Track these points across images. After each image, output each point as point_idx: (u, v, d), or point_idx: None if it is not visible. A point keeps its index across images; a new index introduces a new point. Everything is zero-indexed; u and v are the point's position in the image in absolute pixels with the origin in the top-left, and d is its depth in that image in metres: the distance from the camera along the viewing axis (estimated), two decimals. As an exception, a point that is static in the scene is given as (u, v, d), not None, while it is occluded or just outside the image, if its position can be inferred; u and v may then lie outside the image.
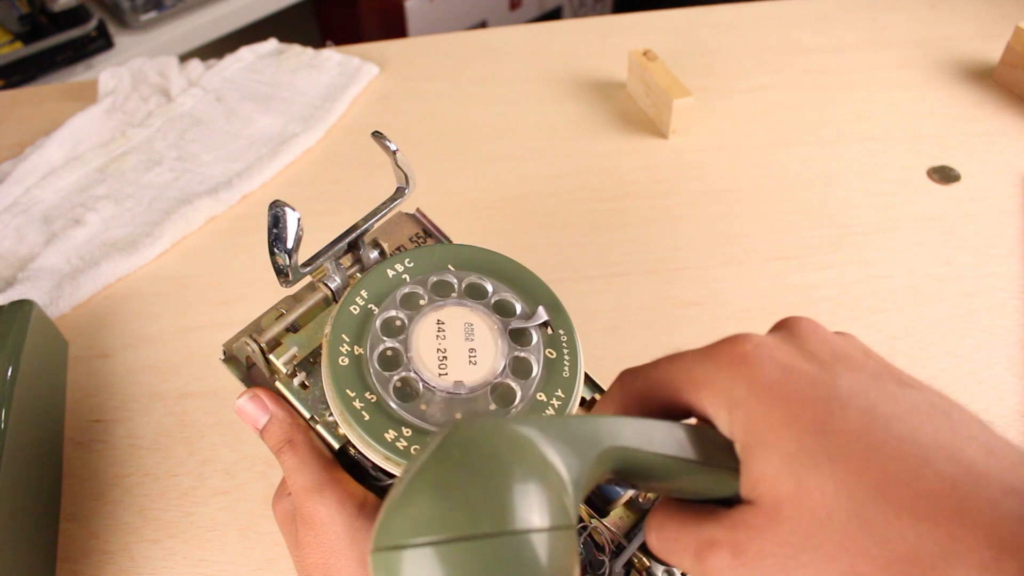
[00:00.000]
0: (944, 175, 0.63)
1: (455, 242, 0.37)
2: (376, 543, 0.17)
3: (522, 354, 0.31)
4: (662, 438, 0.22)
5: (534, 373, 0.30)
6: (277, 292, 0.35)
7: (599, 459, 0.21)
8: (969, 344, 0.51)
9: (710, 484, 0.22)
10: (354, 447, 0.30)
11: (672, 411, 0.24)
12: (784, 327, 0.24)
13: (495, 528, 0.17)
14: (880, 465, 0.19)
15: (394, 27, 1.49)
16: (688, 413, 0.23)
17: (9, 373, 0.43)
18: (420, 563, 0.16)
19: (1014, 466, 0.19)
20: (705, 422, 0.23)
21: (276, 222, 0.29)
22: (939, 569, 0.17)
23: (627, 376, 0.24)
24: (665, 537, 0.23)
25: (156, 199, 0.63)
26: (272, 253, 0.29)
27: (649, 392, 0.24)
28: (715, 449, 0.22)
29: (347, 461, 0.31)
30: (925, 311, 0.53)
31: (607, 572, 0.30)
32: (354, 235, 0.33)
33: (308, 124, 0.69)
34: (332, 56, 0.77)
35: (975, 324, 0.52)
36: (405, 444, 0.28)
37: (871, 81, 0.73)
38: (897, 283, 0.55)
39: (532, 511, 0.18)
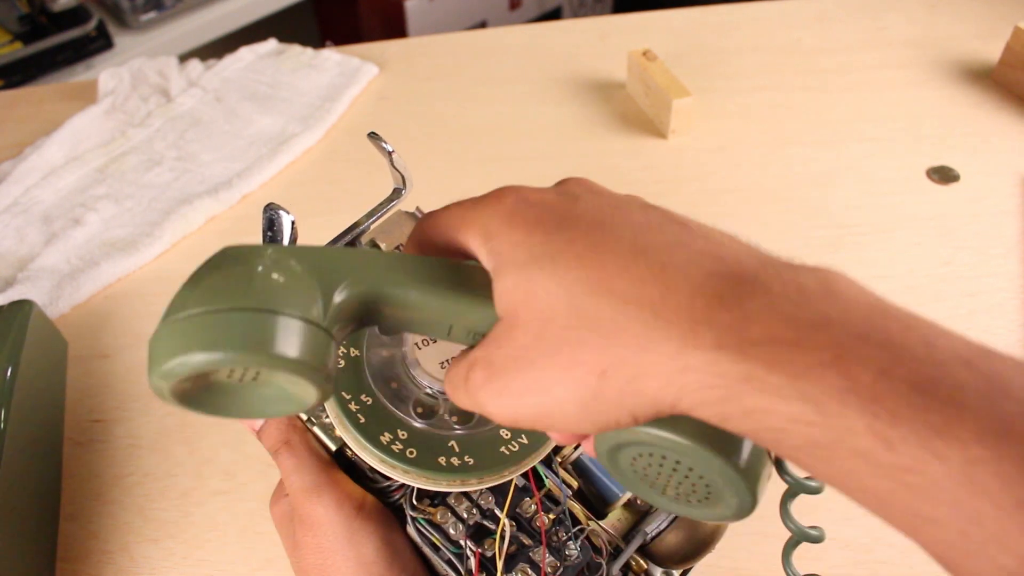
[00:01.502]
0: (944, 175, 0.63)
1: None
2: (164, 316, 0.20)
3: None
4: (424, 267, 0.23)
5: None
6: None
7: (351, 284, 0.22)
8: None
9: (470, 316, 0.23)
10: (351, 449, 0.30)
11: (451, 252, 0.25)
12: (559, 183, 0.25)
13: (258, 304, 0.20)
14: (598, 262, 0.20)
15: (394, 27, 1.49)
16: (462, 252, 0.24)
17: (9, 373, 0.43)
18: (171, 331, 0.20)
19: (732, 250, 0.20)
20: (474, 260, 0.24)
21: (271, 225, 0.29)
22: (644, 347, 0.18)
23: (423, 220, 0.26)
24: (449, 376, 0.23)
25: (156, 199, 0.63)
26: None
27: (432, 229, 0.25)
28: (476, 279, 0.23)
29: (344, 462, 0.31)
30: (925, 311, 0.52)
31: (605, 574, 0.30)
32: (351, 235, 0.33)
33: (308, 124, 0.69)
34: (332, 56, 0.77)
35: (975, 324, 0.52)
36: (401, 447, 0.28)
37: (871, 81, 0.73)
38: (897, 283, 0.55)
39: (286, 299, 0.20)
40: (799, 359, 0.17)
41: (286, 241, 0.29)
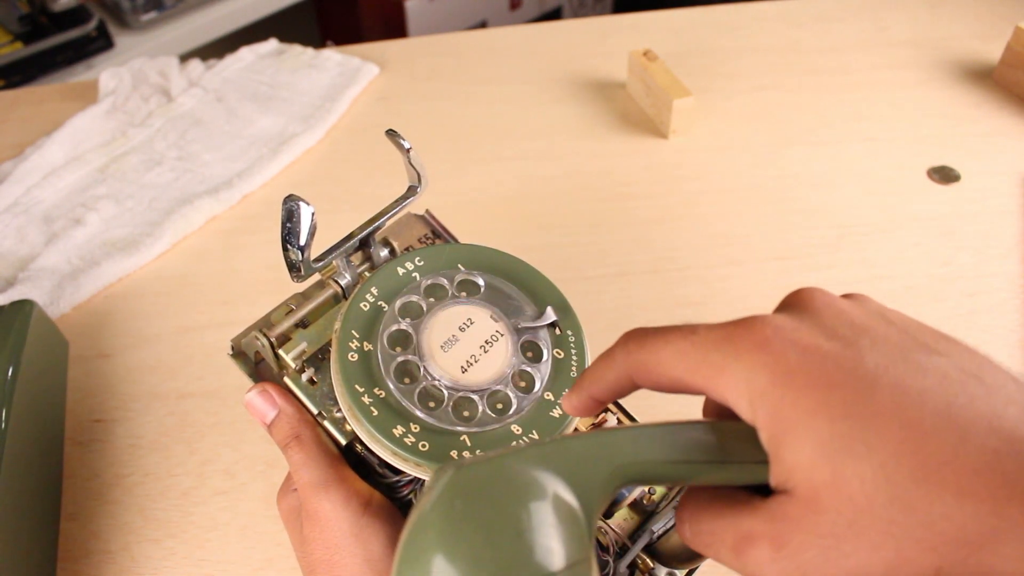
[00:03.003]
0: (944, 175, 0.63)
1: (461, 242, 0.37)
2: None
3: (530, 354, 0.31)
4: (673, 443, 0.21)
5: (543, 373, 0.31)
6: (278, 292, 0.35)
7: (609, 479, 0.20)
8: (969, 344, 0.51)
9: (735, 476, 0.21)
10: (361, 444, 0.30)
11: (682, 390, 0.23)
12: (796, 303, 0.23)
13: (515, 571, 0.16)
14: (917, 445, 0.18)
15: (394, 27, 1.49)
16: (700, 393, 0.22)
17: (9, 373, 0.43)
18: None
19: None
20: (721, 405, 0.22)
21: (290, 216, 0.29)
22: (988, 548, 0.17)
23: (633, 342, 0.23)
24: (700, 530, 0.22)
25: (156, 199, 0.63)
26: (285, 248, 0.29)
27: (657, 367, 0.22)
28: (737, 441, 0.21)
29: (353, 458, 0.32)
30: (925, 311, 0.53)
31: (611, 573, 0.30)
32: (365, 232, 0.33)
33: (308, 124, 0.69)
34: (332, 56, 0.77)
35: (975, 324, 0.52)
36: (413, 440, 0.28)
37: (871, 81, 0.73)
38: (897, 283, 0.55)
39: (546, 555, 0.17)
40: None
41: (305, 231, 0.29)
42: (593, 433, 0.21)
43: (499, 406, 0.30)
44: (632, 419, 0.34)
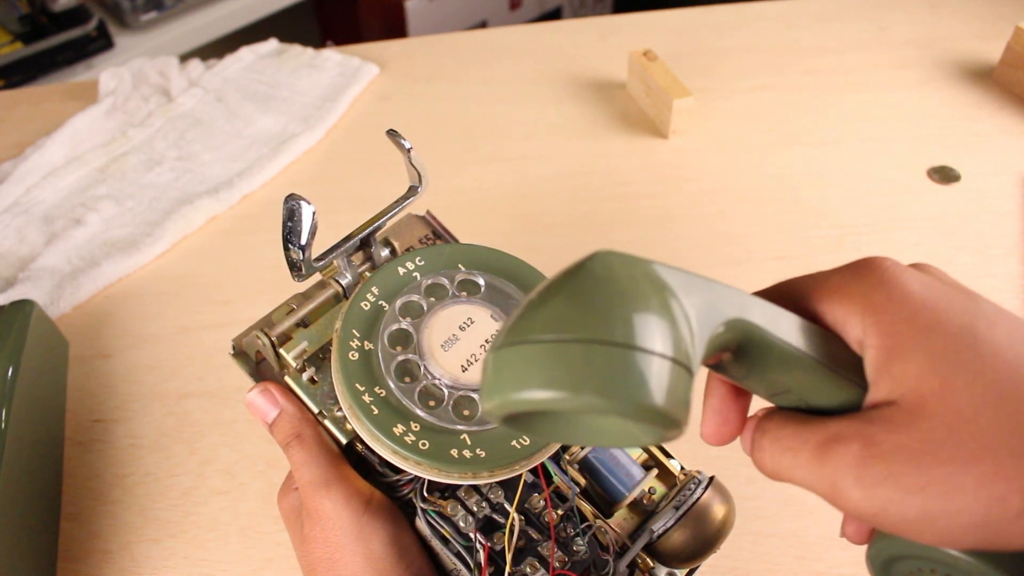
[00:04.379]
0: (944, 175, 0.63)
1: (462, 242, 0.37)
2: (507, 339, 0.17)
3: None
4: (790, 327, 0.21)
5: None
6: (278, 291, 0.35)
7: (727, 326, 0.20)
8: None
9: (825, 389, 0.21)
10: (361, 443, 0.30)
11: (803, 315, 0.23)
12: (885, 263, 0.23)
13: (623, 339, 0.17)
14: None
15: (394, 27, 1.49)
16: (815, 318, 0.23)
17: (9, 373, 0.43)
18: (522, 357, 0.17)
19: None
20: (832, 331, 0.22)
21: (291, 215, 0.29)
22: None
23: (781, 285, 0.24)
24: (782, 435, 0.21)
25: (157, 199, 0.63)
26: (286, 247, 0.29)
27: (786, 294, 0.23)
28: (840, 354, 0.22)
29: (354, 457, 0.32)
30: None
31: (611, 572, 0.30)
32: (366, 232, 0.33)
33: (308, 124, 0.69)
34: (332, 56, 0.77)
35: (975, 324, 0.52)
36: (413, 439, 0.28)
37: (871, 81, 0.73)
38: (897, 283, 0.55)
39: (658, 337, 0.18)
40: None
41: (306, 230, 0.29)
42: (730, 286, 0.21)
43: None
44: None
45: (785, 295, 0.23)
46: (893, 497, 0.19)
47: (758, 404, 0.24)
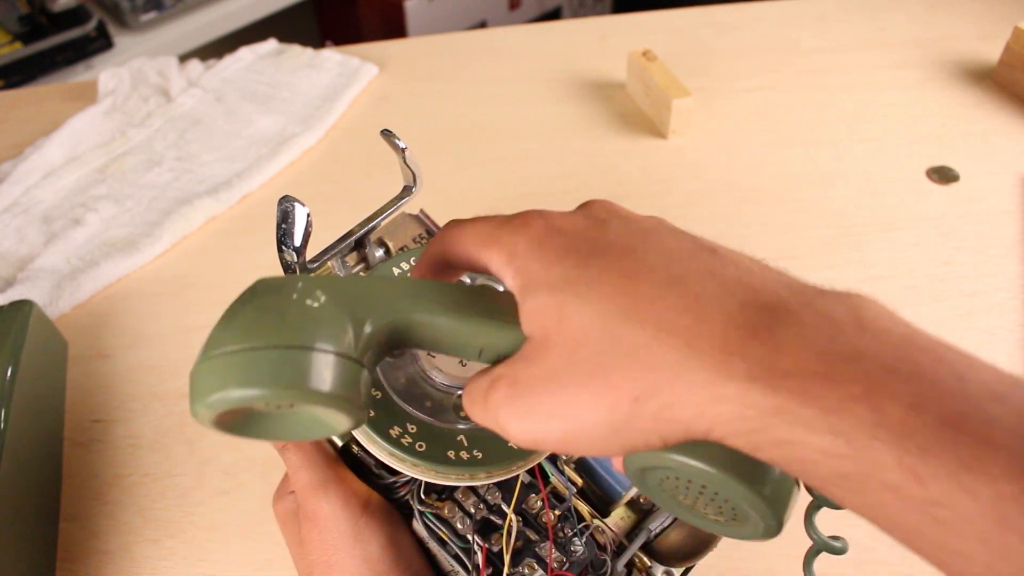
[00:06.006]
0: (943, 175, 0.63)
1: None
2: (202, 355, 0.21)
3: None
4: (442, 294, 0.23)
5: None
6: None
7: (377, 324, 0.22)
8: (969, 344, 0.51)
9: (498, 339, 0.23)
10: (357, 445, 0.30)
11: (470, 268, 0.25)
12: (581, 205, 0.25)
13: (267, 342, 0.20)
14: (633, 290, 0.20)
15: (394, 27, 1.49)
16: (482, 268, 0.25)
17: (9, 373, 0.43)
18: (211, 367, 0.20)
19: (763, 279, 0.20)
20: (495, 281, 0.24)
21: (285, 217, 0.29)
22: (678, 376, 0.18)
23: (443, 233, 0.26)
24: (472, 388, 0.23)
25: (156, 199, 0.63)
26: (280, 249, 0.29)
27: (455, 249, 0.25)
28: (499, 303, 0.23)
29: (350, 460, 0.31)
30: (925, 311, 0.53)
31: (609, 571, 0.30)
32: (360, 233, 0.33)
33: (308, 124, 0.69)
34: (332, 56, 0.77)
35: (975, 324, 0.52)
36: (410, 440, 0.28)
37: (871, 81, 0.73)
38: (897, 283, 0.55)
39: (300, 333, 0.21)
40: (830, 393, 0.17)
41: (300, 233, 0.29)
42: (374, 279, 0.25)
43: None
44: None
45: (457, 249, 0.25)
46: (538, 426, 0.21)
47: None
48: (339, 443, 0.31)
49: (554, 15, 1.73)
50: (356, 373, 0.21)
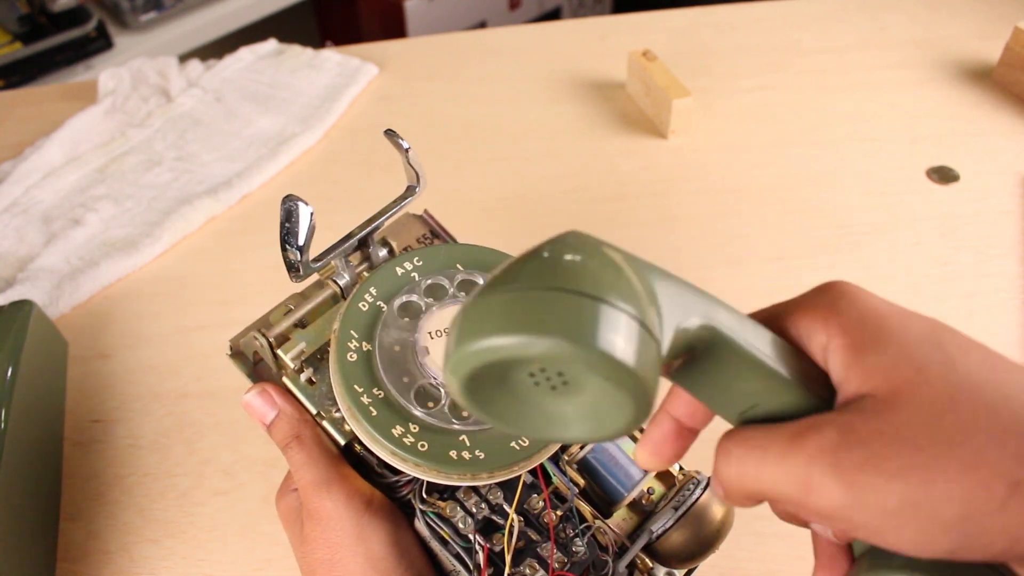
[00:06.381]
0: (943, 175, 0.63)
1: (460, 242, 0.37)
2: (474, 294, 0.18)
3: None
4: (756, 333, 0.21)
5: None
6: (277, 292, 0.35)
7: (694, 323, 0.20)
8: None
9: (789, 401, 0.21)
10: (360, 444, 0.30)
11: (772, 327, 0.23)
12: (845, 283, 0.23)
13: (592, 291, 0.17)
14: (1003, 362, 0.19)
15: (394, 27, 1.48)
16: (780, 331, 0.23)
17: (9, 373, 0.42)
18: (494, 304, 0.17)
19: None
20: (797, 346, 0.22)
21: (289, 216, 0.29)
22: None
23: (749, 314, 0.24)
24: (751, 435, 0.20)
25: (156, 199, 0.62)
26: (284, 248, 0.29)
27: (753, 317, 0.23)
28: (805, 368, 0.21)
29: (352, 458, 0.31)
30: (924, 311, 0.53)
31: (610, 572, 0.30)
32: (364, 232, 0.33)
33: (307, 124, 0.69)
34: (332, 56, 0.77)
35: (975, 324, 0.52)
36: (412, 440, 0.28)
37: (871, 81, 0.73)
38: (896, 283, 0.55)
39: (628, 297, 0.17)
40: None
41: (304, 231, 0.29)
42: (702, 290, 0.21)
43: None
44: None
45: (753, 318, 0.23)
46: (872, 483, 0.18)
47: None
48: (342, 441, 0.31)
49: (554, 15, 1.73)
50: (656, 354, 0.18)
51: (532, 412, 0.19)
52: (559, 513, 0.30)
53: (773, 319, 0.23)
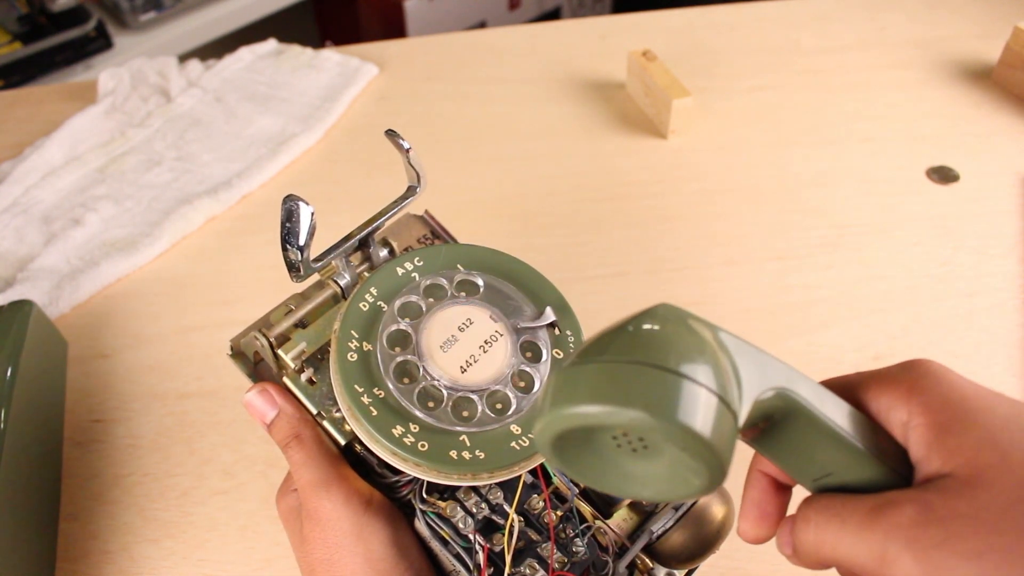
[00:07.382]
0: (943, 175, 0.63)
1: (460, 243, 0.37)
2: (568, 363, 0.19)
3: (529, 354, 0.31)
4: (834, 405, 0.22)
5: (542, 373, 0.31)
6: (277, 292, 0.35)
7: (773, 392, 0.21)
8: (968, 344, 0.51)
9: (866, 474, 0.22)
10: (360, 444, 0.30)
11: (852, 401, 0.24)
12: (930, 361, 0.24)
13: (674, 367, 0.18)
14: None
15: (393, 27, 1.48)
16: (859, 404, 0.23)
17: (9, 373, 0.42)
18: (587, 374, 0.19)
19: None
20: (875, 421, 0.23)
21: (289, 216, 0.29)
22: None
23: (826, 381, 0.24)
24: (830, 504, 0.21)
25: (156, 199, 0.62)
26: (284, 247, 0.29)
27: (831, 387, 0.23)
28: (882, 443, 0.22)
29: (352, 458, 0.31)
30: (924, 311, 0.53)
31: (611, 572, 0.30)
32: (364, 233, 0.33)
33: (307, 124, 0.69)
34: (331, 56, 0.77)
35: (974, 324, 0.52)
36: (412, 440, 0.28)
37: (871, 81, 0.73)
38: (896, 283, 0.55)
39: (708, 373, 0.19)
40: None
41: (304, 231, 0.29)
42: (781, 361, 0.22)
43: (498, 406, 0.30)
44: None
45: (831, 387, 0.23)
46: (948, 562, 0.18)
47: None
48: (342, 441, 0.31)
49: (554, 15, 1.73)
50: (734, 431, 0.19)
51: (612, 470, 0.21)
52: (559, 513, 0.30)
53: (851, 388, 0.23)
